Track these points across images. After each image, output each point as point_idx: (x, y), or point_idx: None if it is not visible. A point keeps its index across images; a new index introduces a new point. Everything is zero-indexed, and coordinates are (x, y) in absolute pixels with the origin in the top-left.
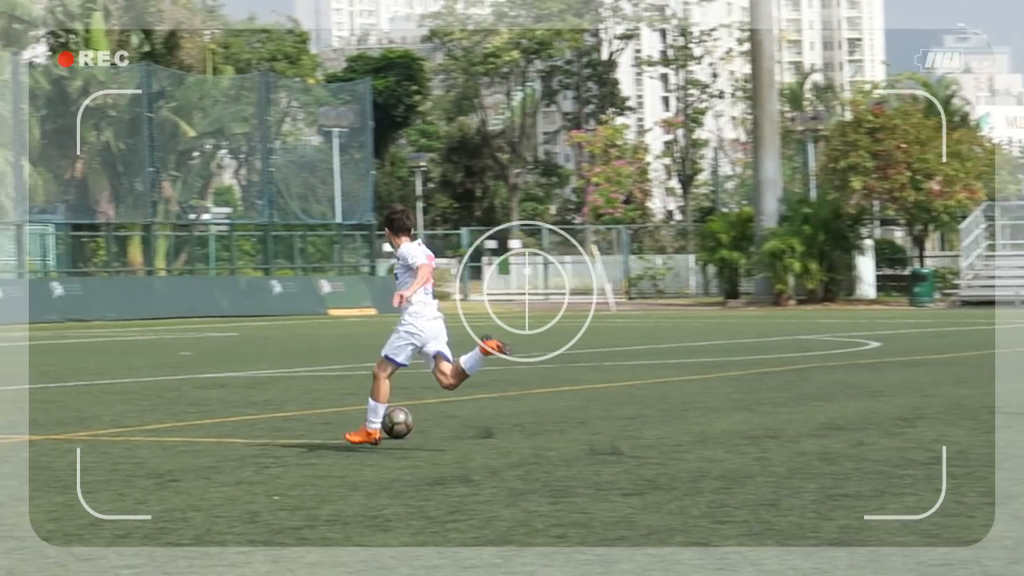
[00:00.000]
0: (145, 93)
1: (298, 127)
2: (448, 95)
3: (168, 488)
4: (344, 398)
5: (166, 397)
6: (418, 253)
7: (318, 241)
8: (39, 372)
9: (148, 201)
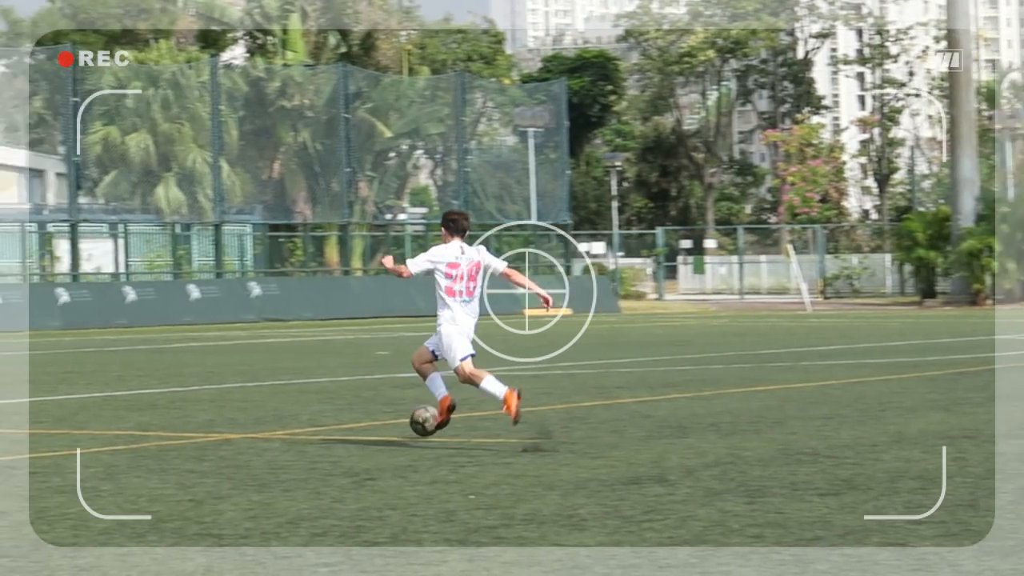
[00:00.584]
0: (342, 94)
1: (494, 127)
2: (643, 95)
3: (365, 487)
4: (539, 397)
5: (363, 396)
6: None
7: (513, 241)
8: (236, 371)
9: (345, 201)
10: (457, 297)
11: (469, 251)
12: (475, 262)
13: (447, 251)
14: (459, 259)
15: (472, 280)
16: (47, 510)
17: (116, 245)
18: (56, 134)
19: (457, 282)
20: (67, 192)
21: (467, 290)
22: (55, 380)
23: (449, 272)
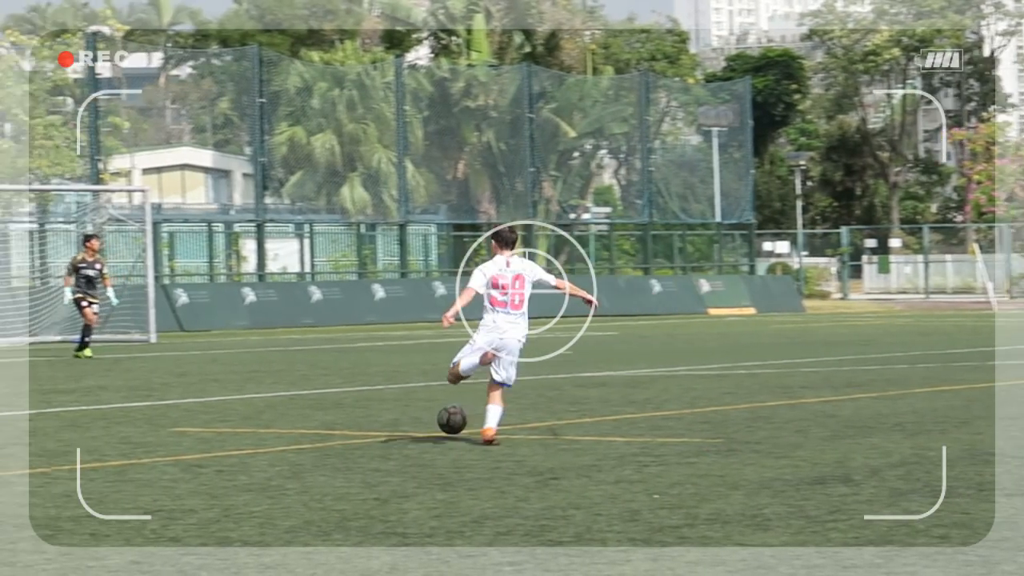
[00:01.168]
0: (526, 94)
1: (677, 126)
2: (828, 93)
3: (549, 486)
4: (723, 397)
5: (547, 395)
6: (475, 274)
7: (697, 240)
8: (421, 370)
9: (529, 201)
10: (501, 308)
11: (516, 264)
12: (519, 275)
13: (493, 264)
14: (504, 272)
15: (517, 292)
16: (233, 508)
17: (302, 245)
18: (242, 135)
19: (501, 293)
20: (253, 192)
21: (511, 302)
22: (242, 379)
23: (495, 283)
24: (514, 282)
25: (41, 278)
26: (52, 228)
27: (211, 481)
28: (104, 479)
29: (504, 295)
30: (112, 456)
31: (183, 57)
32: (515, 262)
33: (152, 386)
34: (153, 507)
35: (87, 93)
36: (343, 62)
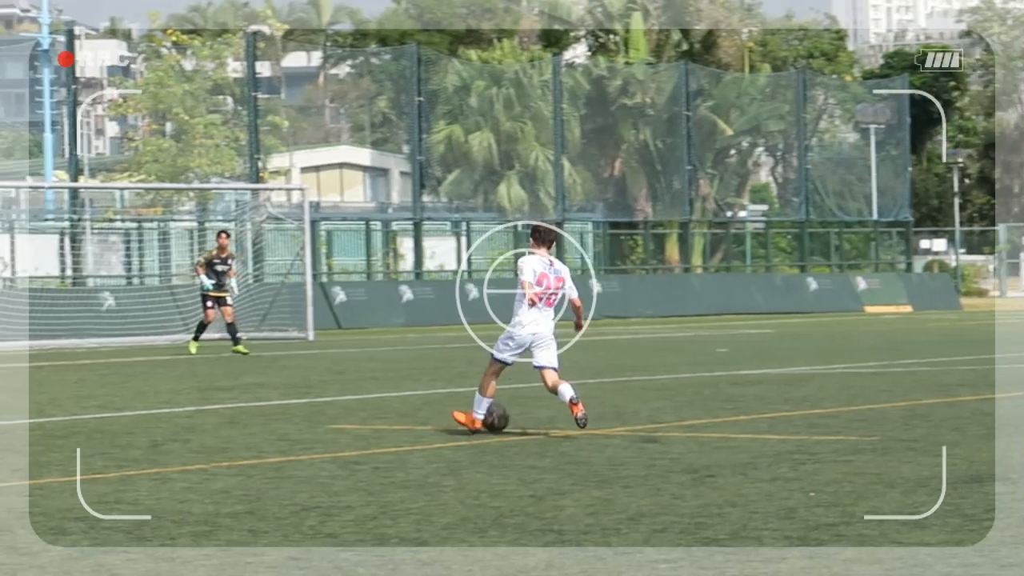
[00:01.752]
0: (683, 92)
1: (835, 124)
2: (986, 90)
3: (704, 484)
4: (880, 395)
5: (703, 393)
6: (526, 268)
7: (854, 238)
8: (577, 368)
9: (685, 199)
10: (540, 305)
11: (557, 265)
12: (560, 277)
13: (539, 262)
14: (547, 270)
15: (554, 293)
16: (390, 505)
17: (459, 243)
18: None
19: (547, 291)
20: (411, 191)
21: (548, 300)
22: (399, 376)
23: (540, 280)
24: (555, 283)
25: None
26: (212, 226)
27: (368, 478)
28: (262, 476)
29: (547, 293)
30: (270, 453)
31: (342, 56)
32: (557, 263)
33: (310, 383)
34: (311, 504)
35: (247, 92)
36: (501, 60)
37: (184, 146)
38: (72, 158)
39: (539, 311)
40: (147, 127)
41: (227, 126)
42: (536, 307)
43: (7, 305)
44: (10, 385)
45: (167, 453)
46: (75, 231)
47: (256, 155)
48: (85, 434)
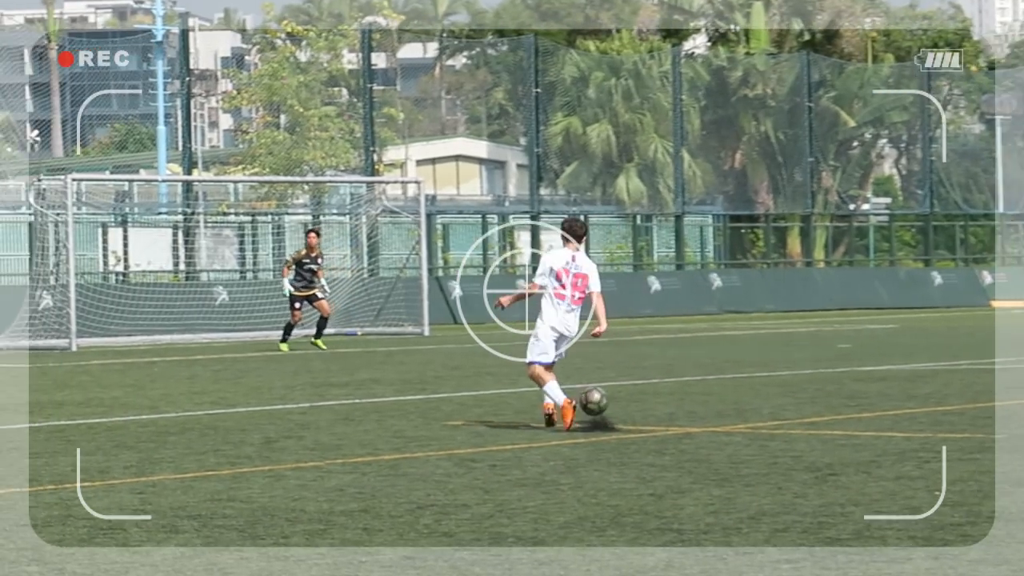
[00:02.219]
0: (805, 83)
1: (960, 115)
2: None
3: (827, 482)
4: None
5: (825, 390)
6: (542, 264)
7: (980, 231)
8: (697, 364)
9: (807, 191)
10: (563, 301)
11: (581, 260)
12: (583, 273)
13: (560, 257)
14: (569, 265)
15: (578, 289)
16: (506, 503)
17: None
18: (517, 125)
19: (567, 287)
20: (528, 184)
21: (573, 297)
22: (516, 372)
23: (559, 276)
24: (576, 279)
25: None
26: (326, 220)
27: (484, 476)
28: (377, 473)
29: (565, 289)
30: (385, 450)
31: (458, 47)
32: (580, 259)
33: (425, 379)
34: (426, 502)
35: (362, 84)
36: (619, 51)
37: (298, 139)
38: (186, 151)
39: (565, 310)
40: (261, 119)
41: (342, 118)
42: (561, 304)
43: (120, 300)
44: (123, 381)
45: (281, 450)
46: (188, 225)
47: (371, 147)
48: (198, 431)
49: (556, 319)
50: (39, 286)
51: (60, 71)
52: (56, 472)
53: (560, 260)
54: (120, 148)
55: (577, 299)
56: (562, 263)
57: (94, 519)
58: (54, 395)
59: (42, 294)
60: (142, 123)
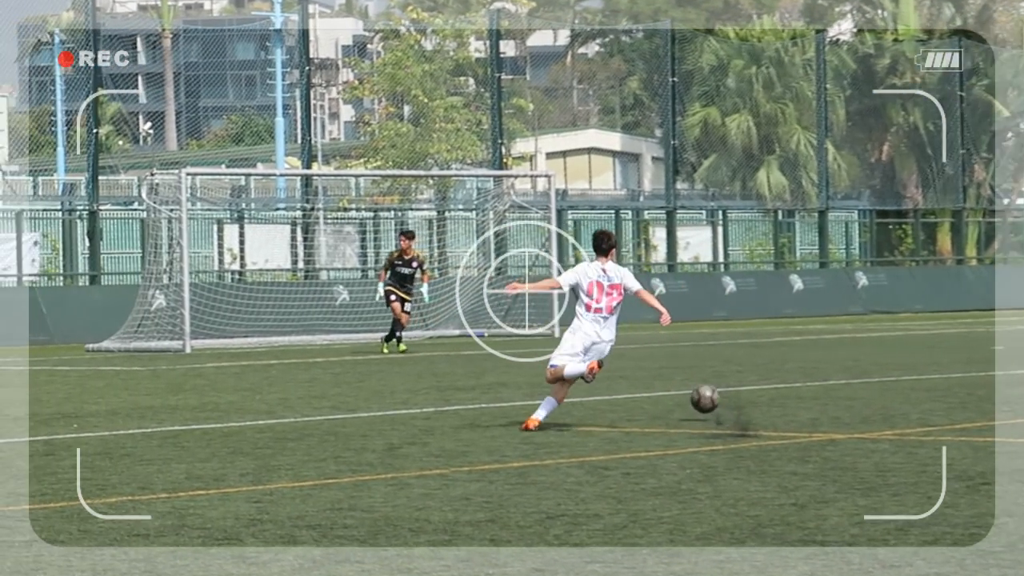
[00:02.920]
0: (957, 71)
1: None
2: None
3: (979, 491)
4: None
5: (976, 395)
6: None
7: None
8: (841, 367)
9: (958, 185)
10: (594, 314)
11: (612, 271)
12: (616, 284)
13: (590, 269)
14: (601, 278)
15: (612, 299)
16: (640, 513)
17: (715, 233)
18: (653, 116)
19: (599, 300)
20: (663, 177)
21: (606, 308)
22: (650, 376)
23: (590, 290)
24: (611, 290)
25: (439, 268)
26: (451, 216)
27: (617, 484)
28: (504, 481)
29: (599, 302)
30: (513, 457)
31: (591, 34)
32: (611, 269)
33: None
34: (556, 511)
35: (490, 73)
36: (760, 38)
37: (423, 130)
38: (305, 143)
39: (600, 320)
40: (384, 110)
41: (468, 109)
42: (592, 315)
43: (236, 300)
44: (239, 384)
45: (404, 457)
46: (307, 221)
47: (499, 140)
48: (317, 436)
49: (587, 329)
50: (152, 285)
51: (174, 60)
52: (169, 480)
53: (592, 273)
54: (236, 141)
55: (613, 309)
56: (594, 276)
57: (208, 528)
58: (167, 399)
59: (155, 294)
60: (259, 115)
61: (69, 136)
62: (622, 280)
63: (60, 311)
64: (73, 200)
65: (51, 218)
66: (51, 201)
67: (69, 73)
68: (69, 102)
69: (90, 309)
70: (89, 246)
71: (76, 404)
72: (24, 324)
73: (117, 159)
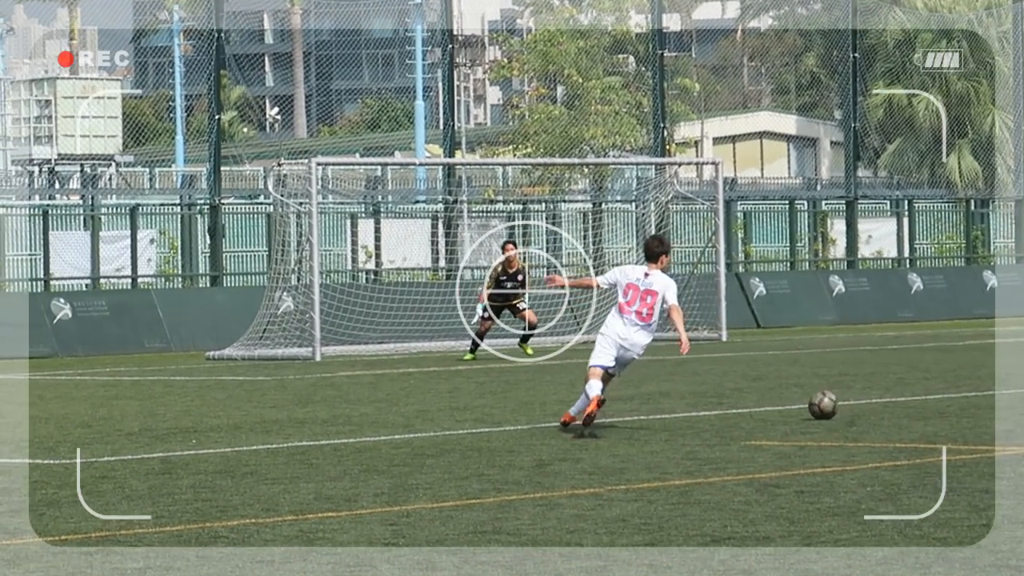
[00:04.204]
0: None
1: None
2: None
3: None
4: None
5: None
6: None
7: None
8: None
9: None
10: (629, 316)
11: (655, 278)
12: (653, 290)
13: (632, 272)
14: (639, 282)
15: (647, 306)
16: (816, 536)
17: (900, 225)
18: (832, 96)
19: (632, 303)
20: (843, 164)
21: (637, 314)
22: (827, 383)
23: (626, 291)
24: (645, 296)
25: (595, 266)
26: (608, 208)
27: (790, 504)
28: (665, 500)
29: (632, 306)
30: (675, 474)
31: (763, 6)
32: (654, 277)
33: (722, 392)
34: (722, 533)
35: (652, 50)
36: (952, 8)
37: (578, 114)
38: (447, 129)
39: (630, 324)
40: (535, 91)
41: (628, 90)
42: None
43: (371, 302)
44: (373, 395)
45: (554, 475)
46: (450, 215)
47: (661, 124)
48: (459, 452)
49: (618, 329)
50: (279, 286)
51: (304, 39)
52: (296, 500)
53: (632, 274)
54: (372, 127)
55: (645, 316)
56: (633, 277)
57: (339, 554)
58: (294, 412)
59: (282, 296)
60: (397, 98)
61: (189, 123)
62: (661, 291)
63: (178, 315)
64: (193, 193)
65: (169, 213)
66: (169, 195)
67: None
68: (189, 86)
69: (211, 313)
70: (210, 244)
71: (195, 418)
72: (139, 330)
73: (241, 148)
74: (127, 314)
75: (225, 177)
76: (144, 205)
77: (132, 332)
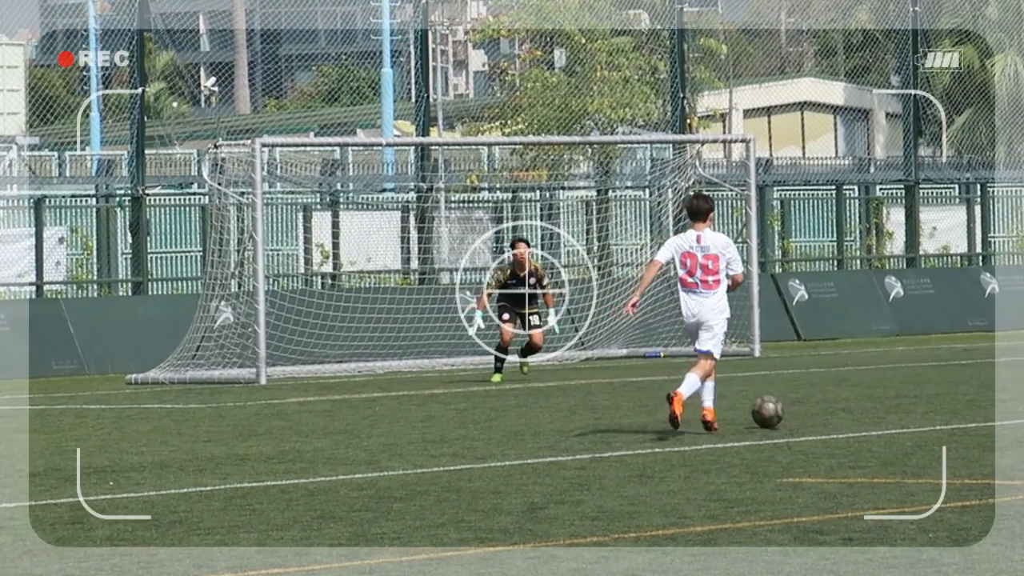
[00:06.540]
0: None
1: None
2: None
3: None
4: None
5: None
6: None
7: None
8: None
9: None
10: (690, 289)
11: (708, 240)
12: (712, 254)
13: (683, 240)
14: (693, 248)
15: (709, 272)
16: None
17: (971, 215)
18: (887, 59)
19: (690, 274)
20: (902, 141)
21: (702, 283)
22: (882, 407)
23: (684, 261)
24: (707, 261)
25: (601, 266)
26: (617, 196)
27: (836, 554)
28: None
29: (693, 276)
30: (696, 518)
31: None
32: (707, 237)
33: (751, 420)
34: None
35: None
36: None
37: (580, 81)
38: (421, 103)
39: (696, 295)
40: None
41: (640, 53)
42: (692, 292)
43: (328, 313)
44: (330, 426)
45: (549, 520)
46: (424, 206)
47: (681, 94)
48: (434, 494)
49: (690, 307)
50: (215, 295)
51: None
52: (235, 556)
53: (685, 243)
54: (329, 100)
55: (712, 283)
56: (687, 245)
57: None
58: (234, 447)
59: (220, 306)
60: (360, 65)
61: (106, 98)
62: (719, 250)
63: (93, 330)
64: (111, 182)
65: (82, 206)
66: (82, 184)
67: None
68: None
69: (133, 327)
70: (132, 243)
71: (113, 454)
72: (46, 348)
73: (170, 127)
74: (31, 329)
75: (150, 162)
76: (52, 197)
77: (37, 351)
